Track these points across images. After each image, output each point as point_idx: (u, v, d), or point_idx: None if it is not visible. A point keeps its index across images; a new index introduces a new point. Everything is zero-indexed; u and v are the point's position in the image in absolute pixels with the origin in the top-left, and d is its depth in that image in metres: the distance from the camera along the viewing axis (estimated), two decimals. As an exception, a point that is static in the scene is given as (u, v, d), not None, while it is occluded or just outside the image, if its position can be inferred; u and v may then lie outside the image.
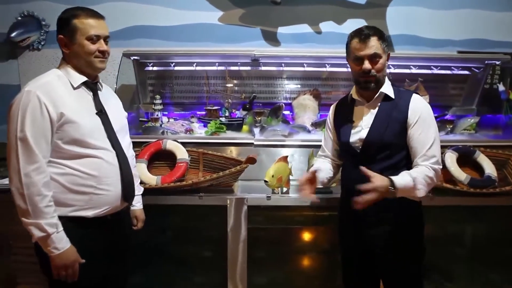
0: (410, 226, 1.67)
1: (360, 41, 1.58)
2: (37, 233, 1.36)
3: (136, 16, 2.89)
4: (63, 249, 1.39)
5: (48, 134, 1.38)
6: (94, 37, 1.45)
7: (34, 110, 1.35)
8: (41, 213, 1.35)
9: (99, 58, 1.48)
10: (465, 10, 2.93)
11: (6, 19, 2.86)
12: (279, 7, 2.87)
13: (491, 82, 2.92)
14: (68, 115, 1.40)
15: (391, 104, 1.64)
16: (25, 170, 1.34)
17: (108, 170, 1.50)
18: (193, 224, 2.29)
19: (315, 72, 2.78)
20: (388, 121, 1.62)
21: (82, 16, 1.45)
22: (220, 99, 2.76)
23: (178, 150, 2.26)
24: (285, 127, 2.49)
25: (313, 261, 2.36)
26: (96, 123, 1.50)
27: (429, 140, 1.58)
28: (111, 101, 1.63)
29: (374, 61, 1.58)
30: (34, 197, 1.34)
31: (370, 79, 1.59)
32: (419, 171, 1.55)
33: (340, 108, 1.81)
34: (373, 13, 2.93)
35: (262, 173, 2.34)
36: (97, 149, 1.47)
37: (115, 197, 1.53)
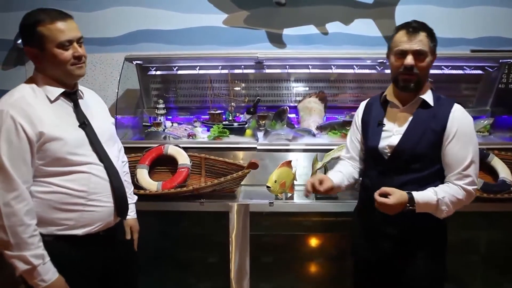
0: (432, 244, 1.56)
1: (408, 33, 1.42)
2: (21, 266, 1.25)
3: (139, 21, 2.87)
4: (50, 280, 1.29)
5: (27, 157, 1.26)
6: (66, 43, 1.29)
7: (9, 133, 1.23)
8: (25, 244, 1.24)
9: (76, 65, 1.33)
10: (477, 8, 2.81)
11: (14, 26, 2.88)
12: (284, 8, 2.81)
13: (506, 82, 2.80)
14: (48, 133, 1.28)
15: (429, 112, 1.48)
16: (4, 199, 1.23)
17: (97, 185, 1.39)
18: (195, 230, 2.26)
19: (320, 74, 2.71)
20: (423, 130, 1.47)
21: (47, 21, 1.28)
22: (223, 103, 2.72)
23: (179, 155, 2.23)
24: (289, 131, 2.44)
25: (316, 268, 2.30)
26: (80, 137, 1.37)
27: (467, 158, 1.43)
28: (95, 109, 1.49)
29: (418, 58, 1.42)
30: (16, 228, 1.23)
31: (411, 78, 1.43)
32: (448, 191, 1.43)
33: (370, 107, 1.64)
34: (381, 12, 2.84)
35: (266, 178, 2.29)
36: (83, 165, 1.36)
37: (108, 213, 1.43)
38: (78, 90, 1.45)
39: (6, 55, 2.95)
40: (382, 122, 1.55)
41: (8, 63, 2.97)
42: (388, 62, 1.53)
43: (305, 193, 1.60)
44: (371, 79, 2.73)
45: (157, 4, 2.87)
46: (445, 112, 1.46)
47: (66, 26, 1.30)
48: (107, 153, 1.44)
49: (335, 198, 2.14)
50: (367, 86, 2.74)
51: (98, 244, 1.43)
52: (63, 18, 1.31)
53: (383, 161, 1.53)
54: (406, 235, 1.52)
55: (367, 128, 1.61)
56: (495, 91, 2.70)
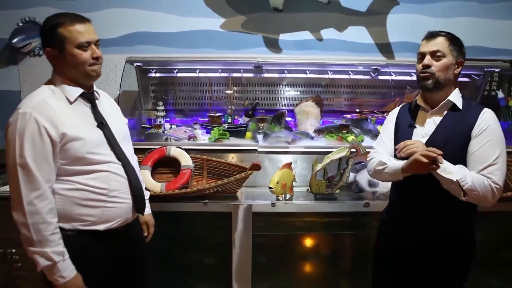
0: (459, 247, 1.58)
1: (427, 39, 1.55)
2: (43, 262, 1.30)
3: (138, 23, 2.88)
4: (69, 277, 1.34)
5: (49, 157, 1.30)
6: (85, 44, 1.35)
7: (32, 134, 1.27)
8: (47, 241, 1.30)
9: (94, 66, 1.39)
10: (464, 18, 2.97)
11: (7, 25, 2.85)
12: (281, 14, 2.89)
13: (489, 89, 2.96)
14: (70, 134, 1.33)
15: (458, 115, 1.53)
16: (28, 198, 1.27)
17: (117, 183, 1.45)
18: (196, 231, 2.28)
19: (317, 79, 2.80)
20: (451, 132, 1.51)
21: (67, 23, 1.33)
22: (223, 106, 2.77)
23: (182, 157, 2.26)
24: (288, 134, 2.50)
25: (317, 268, 2.36)
26: (98, 137, 1.42)
27: (493, 155, 1.44)
28: (109, 109, 1.54)
29: (435, 58, 1.51)
30: (38, 225, 1.28)
31: (427, 76, 1.51)
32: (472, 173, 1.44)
33: (403, 112, 1.70)
34: (374, 20, 2.96)
35: (265, 179, 2.35)
36: (103, 163, 1.42)
37: (127, 209, 1.49)
38: (95, 91, 1.49)
39: (-2, 54, 2.91)
40: (413, 125, 1.61)
41: (1, 63, 2.92)
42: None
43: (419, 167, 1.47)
44: (365, 84, 2.84)
45: (154, 7, 2.89)
46: (474, 115, 1.50)
47: (85, 29, 1.36)
48: (124, 152, 1.49)
49: (334, 199, 2.22)
50: (361, 91, 2.85)
51: (116, 239, 1.48)
52: (82, 21, 1.37)
53: None
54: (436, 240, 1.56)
55: (398, 130, 1.67)
56: (480, 98, 2.85)
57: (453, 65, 1.54)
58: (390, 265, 1.70)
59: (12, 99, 2.94)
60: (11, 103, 2.91)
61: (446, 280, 1.60)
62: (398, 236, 1.66)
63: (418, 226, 1.59)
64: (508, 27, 2.99)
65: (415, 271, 1.63)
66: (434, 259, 1.58)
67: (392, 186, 1.77)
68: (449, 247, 1.57)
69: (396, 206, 1.70)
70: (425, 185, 1.52)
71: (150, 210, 1.78)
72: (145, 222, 1.76)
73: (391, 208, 1.75)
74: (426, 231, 1.58)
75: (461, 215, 1.55)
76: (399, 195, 1.67)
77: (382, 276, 1.75)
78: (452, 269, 1.59)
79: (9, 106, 2.87)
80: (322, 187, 2.26)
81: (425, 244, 1.58)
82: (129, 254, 1.56)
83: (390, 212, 1.75)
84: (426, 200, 1.55)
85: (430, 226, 1.57)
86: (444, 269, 1.59)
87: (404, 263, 1.64)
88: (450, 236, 1.56)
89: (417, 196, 1.57)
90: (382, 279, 1.75)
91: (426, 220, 1.57)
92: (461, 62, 1.57)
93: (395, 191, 1.73)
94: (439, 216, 1.55)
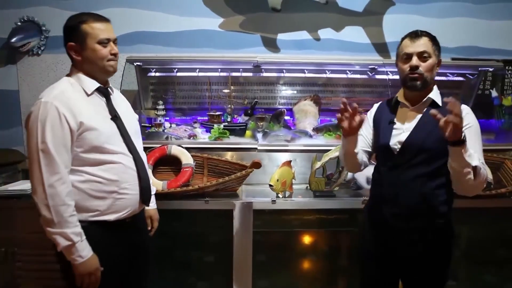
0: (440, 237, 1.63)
1: (411, 39, 1.58)
2: (62, 242, 1.38)
3: (137, 22, 2.90)
4: (87, 257, 1.42)
5: (68, 144, 1.39)
6: (105, 40, 1.46)
7: (53, 121, 1.36)
8: (66, 222, 1.37)
9: (111, 62, 1.49)
10: (459, 19, 3.03)
11: (5, 24, 2.84)
12: (279, 14, 2.92)
13: (483, 88, 3.02)
14: (87, 123, 1.41)
15: (438, 111, 1.53)
16: (49, 181, 1.35)
17: (127, 175, 1.52)
18: (196, 229, 2.31)
19: (315, 78, 2.83)
20: (431, 127, 1.53)
21: (90, 21, 1.44)
22: (222, 105, 2.79)
23: (183, 156, 2.28)
24: (288, 132, 2.54)
25: (316, 264, 2.39)
26: (112, 129, 1.50)
27: (479, 150, 1.51)
28: (122, 105, 1.64)
29: (422, 59, 1.55)
30: (58, 207, 1.36)
31: (417, 77, 1.55)
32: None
33: (383, 108, 1.75)
34: (370, 20, 3.00)
35: (265, 177, 2.39)
36: (115, 154, 1.49)
37: (135, 200, 1.56)
38: (109, 87, 1.58)
39: (-4, 53, 2.91)
40: (393, 121, 1.66)
41: (-1, 62, 2.92)
42: (397, 68, 1.66)
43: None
44: (363, 84, 2.88)
45: (153, 7, 2.91)
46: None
47: (105, 27, 1.47)
48: (135, 145, 1.57)
49: (333, 196, 2.26)
50: (358, 90, 2.89)
51: (125, 230, 1.56)
52: (103, 20, 1.49)
53: (393, 156, 1.62)
54: (416, 231, 1.60)
55: (378, 127, 1.71)
56: (475, 96, 2.91)
57: (436, 65, 1.60)
58: (375, 259, 1.73)
59: (10, 98, 2.94)
60: (9, 102, 2.97)
61: (430, 268, 1.64)
62: (380, 229, 1.70)
63: (397, 218, 1.62)
64: (502, 27, 3.05)
65: (400, 262, 1.68)
66: (415, 249, 1.63)
67: (372, 181, 1.81)
68: (428, 236, 1.62)
69: (375, 200, 1.74)
70: (401, 178, 1.57)
71: (155, 205, 1.85)
72: (150, 216, 1.82)
73: (372, 202, 1.79)
74: (405, 223, 1.62)
75: (437, 205, 1.59)
76: (377, 189, 1.72)
77: (370, 271, 1.78)
78: (434, 256, 1.64)
79: (8, 106, 2.95)
80: (321, 185, 2.30)
81: (405, 235, 1.63)
82: (136, 244, 1.63)
83: (371, 206, 1.79)
84: (403, 192, 1.58)
85: (408, 217, 1.61)
86: (427, 257, 1.63)
87: (389, 256, 1.68)
88: (428, 225, 1.61)
89: (394, 188, 1.60)
90: (370, 274, 1.79)
91: (404, 212, 1.60)
92: (440, 61, 1.64)
93: (374, 185, 1.78)
94: (416, 207, 1.58)
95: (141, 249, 1.67)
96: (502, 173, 2.43)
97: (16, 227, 2.15)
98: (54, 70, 2.94)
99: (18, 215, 2.15)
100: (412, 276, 1.69)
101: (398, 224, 1.62)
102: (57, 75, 2.93)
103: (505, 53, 3.06)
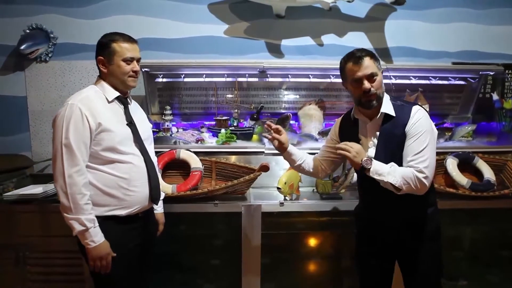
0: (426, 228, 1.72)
1: (355, 63, 1.61)
2: (77, 227, 1.54)
3: (143, 29, 2.94)
4: (99, 242, 1.57)
5: (87, 141, 1.57)
6: (129, 59, 1.65)
7: (76, 120, 1.55)
8: (81, 209, 1.53)
9: (132, 78, 1.69)
10: (458, 24, 3.09)
11: (13, 32, 2.89)
12: (283, 21, 2.98)
13: (484, 92, 3.08)
14: (105, 125, 1.60)
15: (393, 122, 1.66)
16: (69, 171, 1.53)
17: (137, 173, 1.67)
18: (204, 231, 2.34)
19: (319, 83, 2.88)
20: (391, 139, 1.65)
21: (120, 41, 1.65)
22: (228, 110, 2.84)
23: (191, 159, 2.32)
24: (294, 136, 2.58)
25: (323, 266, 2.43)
26: (126, 133, 1.67)
27: (417, 150, 1.58)
28: (139, 114, 1.82)
29: (371, 80, 1.61)
30: (75, 195, 1.52)
31: (371, 98, 1.62)
32: (401, 167, 1.60)
33: (344, 125, 1.84)
34: (372, 26, 3.06)
35: (272, 180, 2.43)
36: (127, 155, 1.65)
37: (144, 197, 1.71)
38: (128, 98, 1.77)
39: (5, 61, 2.94)
40: (358, 138, 1.74)
41: (7, 69, 2.95)
42: (347, 89, 1.72)
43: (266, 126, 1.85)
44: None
45: (159, 14, 2.96)
46: (405, 117, 1.64)
47: (131, 47, 1.68)
48: (146, 148, 1.74)
49: (340, 198, 2.30)
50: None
51: (137, 224, 1.72)
52: (131, 41, 1.69)
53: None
54: (404, 224, 1.71)
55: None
56: (476, 100, 2.97)
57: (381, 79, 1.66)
58: (369, 255, 1.83)
59: (18, 104, 2.97)
60: (17, 108, 3.00)
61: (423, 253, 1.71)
62: (370, 227, 1.81)
63: (383, 216, 1.74)
64: (500, 32, 3.11)
65: (392, 256, 1.78)
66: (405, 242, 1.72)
67: (358, 184, 1.90)
68: (415, 228, 1.71)
69: (363, 201, 1.87)
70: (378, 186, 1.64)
71: (162, 210, 1.98)
72: (157, 219, 1.93)
73: (360, 203, 1.91)
74: (391, 219, 1.72)
75: (419, 200, 1.66)
76: (362, 190, 1.84)
77: (365, 267, 1.87)
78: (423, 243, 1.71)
79: (16, 111, 2.98)
80: (327, 187, 2.34)
81: (394, 230, 1.73)
82: (147, 237, 1.79)
83: (359, 207, 1.91)
84: (384, 192, 1.65)
85: (393, 214, 1.71)
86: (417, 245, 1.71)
87: (381, 251, 1.78)
88: (414, 219, 1.71)
89: (376, 189, 1.66)
90: (366, 270, 1.87)
91: (388, 209, 1.71)
92: (382, 71, 1.68)
93: (359, 187, 1.88)
94: (399, 204, 1.67)
95: (150, 243, 1.82)
96: (504, 175, 2.49)
97: (28, 231, 2.18)
98: (62, 77, 2.98)
99: (29, 219, 2.18)
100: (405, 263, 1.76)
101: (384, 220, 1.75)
102: (64, 81, 2.98)
103: (504, 57, 3.12)
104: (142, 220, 1.74)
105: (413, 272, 1.74)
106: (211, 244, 2.36)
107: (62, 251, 2.16)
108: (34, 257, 2.20)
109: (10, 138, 2.99)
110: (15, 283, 2.20)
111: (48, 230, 2.18)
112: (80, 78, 2.97)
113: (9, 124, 2.99)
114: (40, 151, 2.98)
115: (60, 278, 2.21)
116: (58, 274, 2.21)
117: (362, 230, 1.88)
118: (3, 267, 2.19)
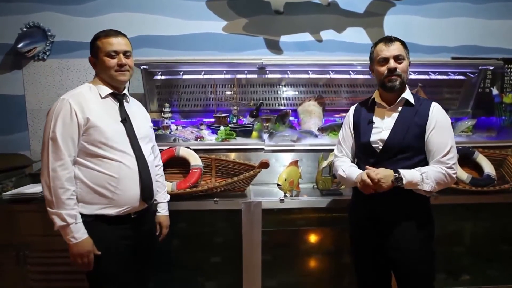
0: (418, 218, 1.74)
1: (385, 44, 1.70)
2: (58, 222, 1.51)
3: (141, 26, 2.93)
4: (80, 239, 1.53)
5: (75, 136, 1.55)
6: (112, 53, 1.62)
7: (65, 115, 1.54)
8: (63, 204, 1.51)
9: (119, 72, 1.64)
10: (458, 19, 3.08)
11: (11, 30, 2.87)
12: (281, 17, 2.97)
13: (483, 86, 3.07)
14: (93, 120, 1.57)
15: (412, 109, 1.73)
16: (53, 165, 1.51)
17: (127, 173, 1.63)
18: (204, 229, 2.33)
19: (318, 79, 2.87)
20: (409, 125, 1.70)
21: (102, 37, 1.64)
22: (227, 107, 2.83)
23: (191, 157, 2.31)
24: (293, 132, 2.57)
25: (324, 262, 2.42)
26: (118, 130, 1.64)
27: (446, 146, 1.67)
28: (137, 112, 1.79)
29: (398, 61, 1.69)
30: (57, 189, 1.51)
31: (396, 78, 1.69)
32: (431, 168, 1.68)
33: (360, 109, 1.88)
34: (371, 21, 3.05)
35: (271, 177, 2.42)
36: (117, 152, 1.61)
37: (134, 198, 1.66)
38: (126, 95, 1.74)
39: (2, 59, 2.93)
40: (372, 121, 1.78)
41: (5, 67, 2.94)
42: (373, 73, 1.79)
43: (365, 188, 1.70)
44: (365, 83, 2.92)
45: (157, 11, 2.95)
46: (425, 109, 1.72)
47: (115, 41, 1.63)
48: (141, 147, 1.69)
49: (340, 194, 2.29)
50: (361, 90, 2.94)
51: (128, 225, 1.67)
52: (115, 35, 1.65)
53: (375, 154, 1.75)
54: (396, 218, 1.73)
55: (358, 127, 1.84)
56: (475, 94, 2.96)
57: (408, 67, 1.74)
58: (365, 253, 1.85)
59: (16, 103, 2.97)
60: (15, 107, 2.99)
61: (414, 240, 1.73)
62: (363, 224, 1.82)
63: (377, 213, 1.76)
64: (500, 26, 3.10)
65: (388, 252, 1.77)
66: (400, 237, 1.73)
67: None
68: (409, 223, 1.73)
69: (355, 199, 1.90)
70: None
71: (167, 212, 1.95)
72: (160, 222, 1.90)
73: (352, 198, 1.94)
74: (385, 217, 1.74)
75: (410, 198, 1.70)
76: (355, 189, 1.86)
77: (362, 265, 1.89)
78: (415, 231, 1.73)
79: (14, 110, 2.97)
80: (328, 183, 2.33)
81: (388, 226, 1.74)
82: (142, 238, 1.73)
83: (352, 205, 1.94)
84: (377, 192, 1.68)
85: (387, 212, 1.73)
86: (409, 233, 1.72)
87: (377, 248, 1.79)
88: (407, 215, 1.73)
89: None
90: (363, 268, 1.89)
91: (382, 207, 1.73)
92: (410, 63, 1.77)
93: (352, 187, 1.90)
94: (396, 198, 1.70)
95: (145, 245, 1.77)
96: (504, 169, 2.48)
97: (28, 231, 2.17)
98: (60, 75, 2.97)
99: (29, 218, 2.17)
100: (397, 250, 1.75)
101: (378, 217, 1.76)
102: (62, 80, 2.96)
103: (504, 52, 3.11)
104: (135, 221, 1.69)
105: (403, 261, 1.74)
106: (212, 242, 2.35)
107: (62, 250, 2.11)
108: (34, 256, 2.19)
109: (9, 137, 2.98)
110: (16, 283, 2.20)
111: (48, 229, 2.12)
112: (78, 76, 2.96)
113: (8, 123, 2.98)
114: (39, 150, 2.95)
115: (60, 277, 2.20)
116: (59, 273, 2.20)
117: (356, 228, 1.89)
118: (3, 267, 2.18)
